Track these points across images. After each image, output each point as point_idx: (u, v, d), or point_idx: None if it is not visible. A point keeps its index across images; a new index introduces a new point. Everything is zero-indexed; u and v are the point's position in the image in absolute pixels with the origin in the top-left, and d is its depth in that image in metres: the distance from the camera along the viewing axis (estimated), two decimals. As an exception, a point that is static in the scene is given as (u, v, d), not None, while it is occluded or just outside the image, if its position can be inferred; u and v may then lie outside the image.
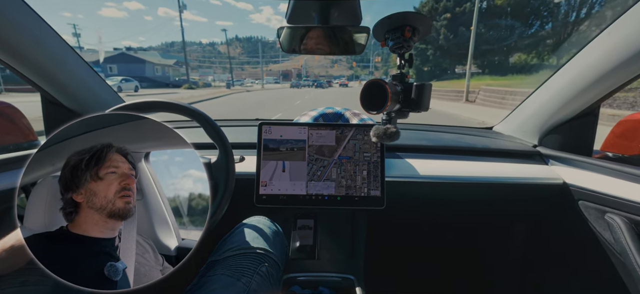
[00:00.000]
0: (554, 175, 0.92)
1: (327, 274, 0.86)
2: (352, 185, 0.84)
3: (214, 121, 0.68)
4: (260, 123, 0.86)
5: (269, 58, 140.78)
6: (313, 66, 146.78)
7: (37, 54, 0.79)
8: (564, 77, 0.91)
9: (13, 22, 0.71)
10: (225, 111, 11.36)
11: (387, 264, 1.25)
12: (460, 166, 0.95)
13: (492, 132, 1.27)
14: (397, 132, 0.79)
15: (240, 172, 0.83)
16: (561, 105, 0.93)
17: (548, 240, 1.05)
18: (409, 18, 0.69)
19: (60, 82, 0.89)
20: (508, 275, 1.20)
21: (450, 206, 1.02)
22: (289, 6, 0.66)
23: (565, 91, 0.91)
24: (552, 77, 0.97)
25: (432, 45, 32.86)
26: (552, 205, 0.95)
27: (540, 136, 1.05)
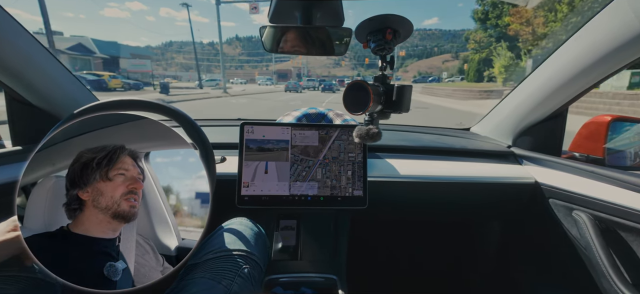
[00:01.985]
0: (526, 174, 0.97)
1: (310, 275, 0.85)
2: (337, 185, 0.85)
3: (194, 121, 0.66)
4: (242, 123, 0.85)
5: (270, 57, 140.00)
6: (315, 66, 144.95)
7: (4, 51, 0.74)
8: (536, 80, 0.95)
9: None
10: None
11: (369, 264, 1.26)
12: (438, 166, 0.98)
13: (470, 133, 1.32)
14: (379, 133, 0.80)
15: (222, 173, 0.81)
16: (533, 107, 0.98)
17: (522, 237, 1.10)
18: (390, 21, 0.70)
19: (26, 79, 0.84)
20: (485, 272, 1.25)
21: (429, 206, 1.04)
22: (271, 6, 0.65)
23: (537, 94, 0.95)
24: (526, 80, 1.01)
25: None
26: (525, 203, 0.99)
27: (514, 137, 1.10)
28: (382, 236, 1.28)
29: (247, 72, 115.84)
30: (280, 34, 0.70)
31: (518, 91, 1.04)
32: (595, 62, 0.77)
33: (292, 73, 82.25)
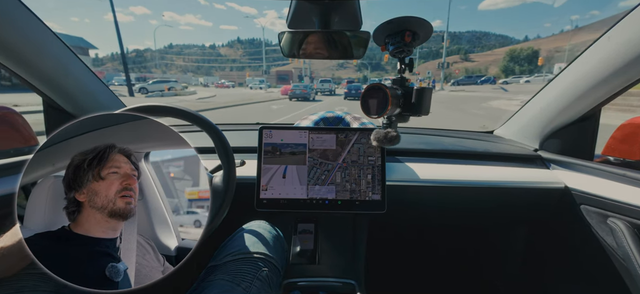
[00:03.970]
0: (555, 179, 0.92)
1: (328, 280, 0.85)
2: (357, 189, 0.84)
3: (219, 128, 0.68)
4: (261, 127, 0.86)
5: (271, 60, 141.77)
6: (318, 68, 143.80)
7: (40, 60, 0.80)
8: (565, 80, 0.91)
9: (17, 29, 0.71)
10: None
11: (388, 269, 1.24)
12: (460, 170, 0.95)
13: (493, 136, 1.27)
14: (397, 136, 0.79)
15: (241, 176, 0.83)
16: (562, 109, 0.93)
17: (550, 244, 1.04)
18: (409, 23, 0.69)
19: (63, 88, 0.89)
20: (509, 280, 1.19)
21: (451, 210, 1.01)
22: (289, 11, 0.67)
23: (566, 95, 0.91)
24: (553, 81, 0.97)
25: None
26: (553, 209, 0.94)
27: (541, 140, 1.05)
28: (401, 241, 1.26)
29: (243, 75, 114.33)
30: (302, 38, 0.71)
31: (545, 92, 0.99)
32: (630, 61, 0.73)
33: (293, 75, 75.00)
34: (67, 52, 0.87)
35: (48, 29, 0.80)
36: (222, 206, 0.65)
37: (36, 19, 0.76)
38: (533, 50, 72.26)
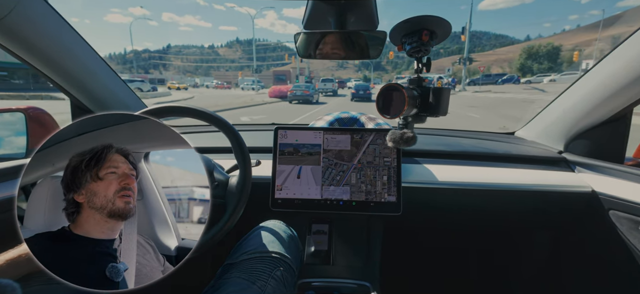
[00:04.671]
0: (581, 183, 0.88)
1: (342, 281, 0.85)
2: (372, 190, 0.83)
3: (235, 129, 0.69)
4: (276, 127, 0.87)
5: (270, 60, 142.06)
6: (317, 68, 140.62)
7: (69, 63, 0.84)
8: (593, 79, 0.86)
9: (50, 36, 0.75)
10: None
11: (403, 272, 1.22)
12: (480, 172, 0.92)
13: (514, 138, 1.23)
14: (414, 137, 0.77)
15: (257, 176, 0.84)
16: (591, 108, 0.89)
17: (574, 251, 0.99)
18: (427, 22, 0.68)
19: (89, 90, 0.94)
20: (530, 288, 1.15)
21: (470, 214, 0.98)
22: (306, 12, 0.67)
23: (594, 95, 0.86)
24: (580, 81, 0.92)
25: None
26: (579, 214, 0.90)
27: (566, 142, 1.01)
28: (417, 244, 1.24)
29: (245, 75, 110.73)
30: (319, 39, 0.71)
31: (572, 91, 0.95)
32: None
33: (291, 75, 70.44)
34: (94, 55, 0.91)
35: (77, 34, 0.84)
36: (239, 205, 0.66)
37: (67, 24, 0.79)
38: (553, 46, 65.40)
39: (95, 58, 0.92)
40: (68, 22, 0.80)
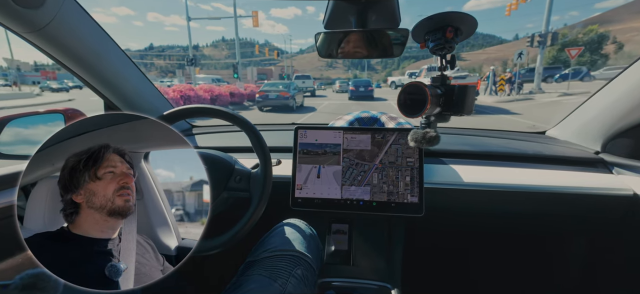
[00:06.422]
0: (622, 185, 0.82)
1: (363, 282, 0.84)
2: (394, 191, 0.82)
3: (257, 128, 0.71)
4: (296, 127, 0.88)
5: (258, 61, 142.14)
6: (306, 68, 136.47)
7: (103, 66, 0.89)
8: (635, 75, 0.80)
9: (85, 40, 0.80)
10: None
11: (426, 275, 1.19)
12: (508, 173, 0.88)
13: (545, 138, 1.16)
14: (437, 137, 0.75)
15: (277, 175, 0.85)
16: (632, 107, 0.82)
17: (613, 257, 0.93)
18: (452, 18, 0.66)
19: (121, 91, 0.99)
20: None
21: (497, 216, 0.94)
22: (327, 11, 0.67)
23: (637, 91, 0.80)
24: (618, 78, 0.86)
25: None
26: (618, 218, 0.84)
27: (603, 142, 0.94)
28: (441, 246, 1.20)
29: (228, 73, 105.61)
30: (341, 38, 0.71)
31: (611, 87, 0.88)
32: None
33: (273, 73, 69.16)
34: (125, 58, 0.96)
35: (110, 38, 0.89)
36: (263, 194, 0.67)
37: (101, 29, 0.84)
38: (598, 32, 47.34)
39: (126, 61, 0.97)
40: (101, 27, 0.85)
